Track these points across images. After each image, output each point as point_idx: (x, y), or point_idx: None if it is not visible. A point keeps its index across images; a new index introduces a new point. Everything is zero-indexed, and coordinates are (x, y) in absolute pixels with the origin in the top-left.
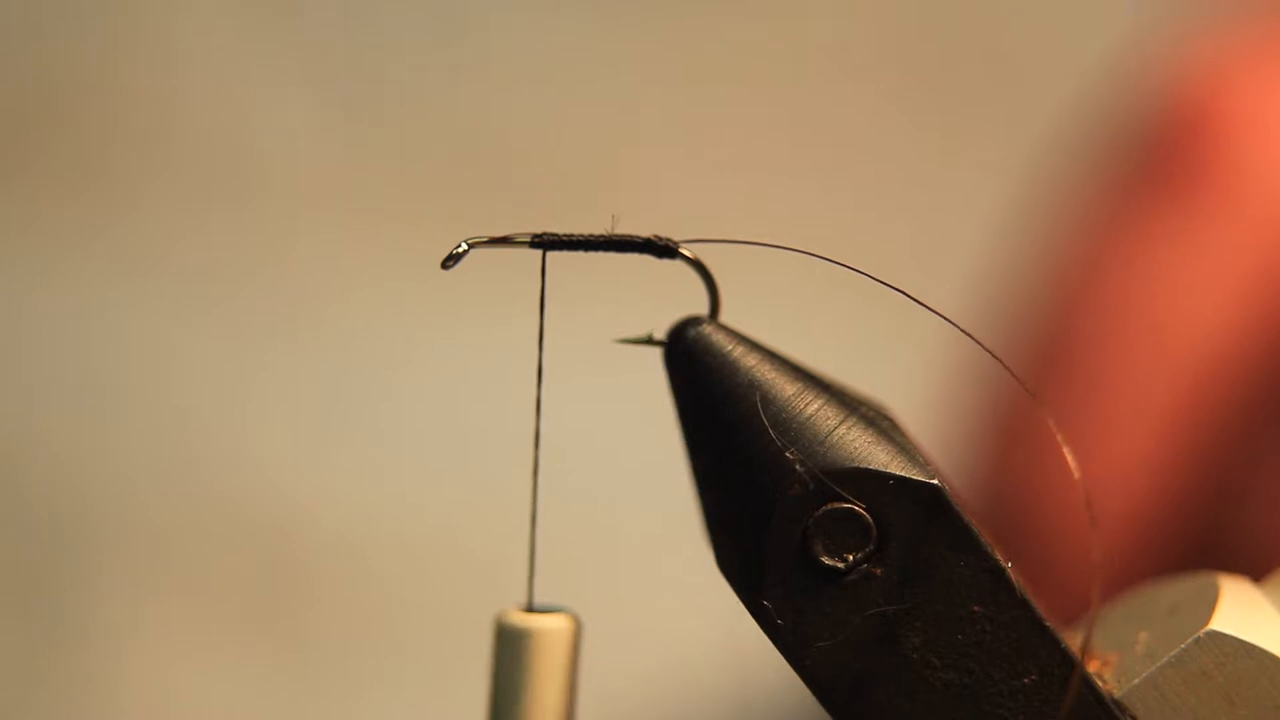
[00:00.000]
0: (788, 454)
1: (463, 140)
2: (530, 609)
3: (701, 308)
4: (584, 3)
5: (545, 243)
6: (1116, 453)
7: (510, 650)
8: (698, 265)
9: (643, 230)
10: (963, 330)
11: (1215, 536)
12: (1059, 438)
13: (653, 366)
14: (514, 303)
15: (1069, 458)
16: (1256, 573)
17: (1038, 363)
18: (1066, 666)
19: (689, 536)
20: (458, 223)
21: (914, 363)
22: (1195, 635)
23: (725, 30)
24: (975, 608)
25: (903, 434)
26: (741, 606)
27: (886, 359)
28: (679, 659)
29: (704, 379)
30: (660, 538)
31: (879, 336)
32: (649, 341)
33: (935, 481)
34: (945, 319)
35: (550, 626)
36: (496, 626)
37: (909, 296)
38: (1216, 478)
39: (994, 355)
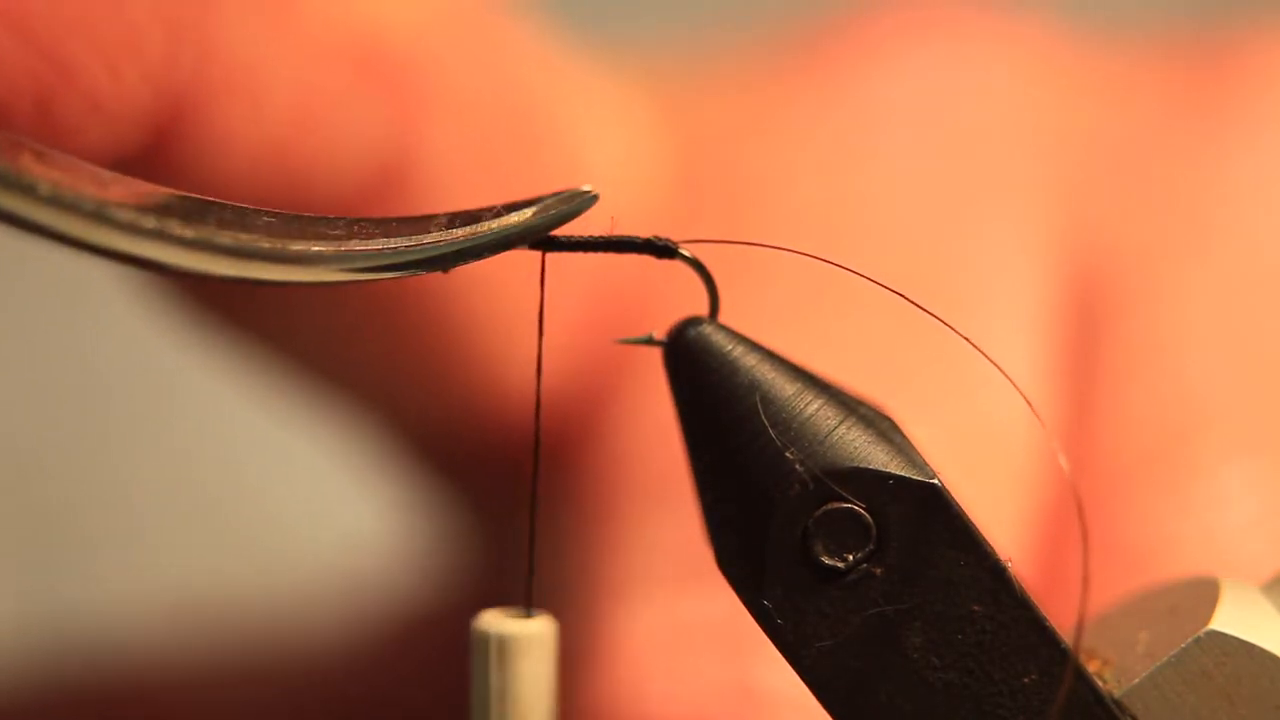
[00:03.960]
0: (788, 454)
1: None
2: (509, 613)
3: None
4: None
5: (545, 243)
6: None
7: (492, 655)
8: (697, 265)
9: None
10: (964, 337)
11: None
12: (1054, 445)
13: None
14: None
15: (1062, 463)
16: None
17: None
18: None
19: None
20: None
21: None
22: (1195, 635)
23: None
24: (975, 607)
25: (902, 434)
26: None
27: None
28: None
29: (704, 379)
30: None
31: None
32: (649, 341)
33: (935, 481)
34: (946, 325)
35: (531, 631)
36: (477, 632)
37: (909, 300)
38: None
39: (994, 363)
